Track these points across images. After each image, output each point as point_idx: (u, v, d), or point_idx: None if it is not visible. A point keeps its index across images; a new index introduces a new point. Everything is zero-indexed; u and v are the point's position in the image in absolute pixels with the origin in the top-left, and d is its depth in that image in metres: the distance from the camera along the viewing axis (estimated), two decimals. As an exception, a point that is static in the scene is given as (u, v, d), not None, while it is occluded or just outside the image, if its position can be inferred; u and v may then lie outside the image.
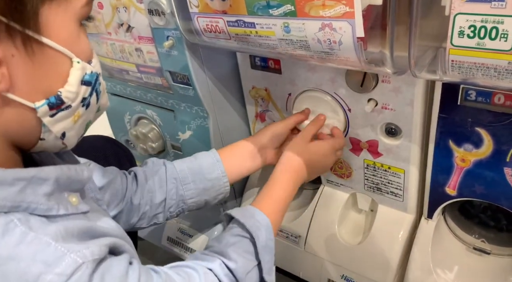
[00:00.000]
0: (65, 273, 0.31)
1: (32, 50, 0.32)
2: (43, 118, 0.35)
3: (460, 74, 0.45)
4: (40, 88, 0.34)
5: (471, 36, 0.40)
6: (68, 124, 0.38)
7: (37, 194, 0.35)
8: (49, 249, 0.32)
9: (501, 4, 0.37)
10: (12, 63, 0.32)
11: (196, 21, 0.60)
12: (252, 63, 0.77)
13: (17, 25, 0.31)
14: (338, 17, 0.46)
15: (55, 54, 0.34)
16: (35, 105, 0.34)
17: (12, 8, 0.30)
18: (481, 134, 0.58)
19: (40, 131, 0.36)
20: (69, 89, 0.36)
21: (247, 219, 0.55)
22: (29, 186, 0.34)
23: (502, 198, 0.62)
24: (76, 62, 0.36)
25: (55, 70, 0.35)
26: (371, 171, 0.76)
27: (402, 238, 0.76)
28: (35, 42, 0.33)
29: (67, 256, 0.32)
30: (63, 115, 0.37)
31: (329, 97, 0.71)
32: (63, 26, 0.34)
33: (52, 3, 0.33)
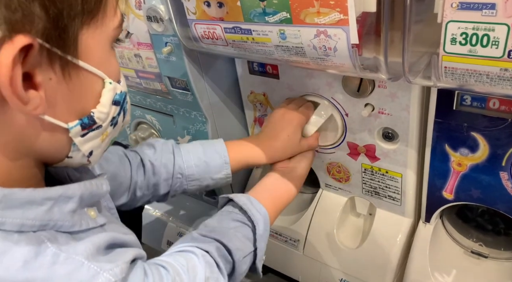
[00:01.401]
0: None
1: (69, 74, 0.33)
2: (75, 138, 0.36)
3: (454, 80, 0.45)
4: (74, 109, 0.35)
5: (463, 43, 0.41)
6: (96, 144, 0.38)
7: (63, 212, 0.35)
8: (82, 268, 0.33)
9: (492, 12, 0.38)
10: (49, 87, 0.32)
11: (193, 27, 0.61)
12: (250, 69, 0.78)
13: (58, 51, 0.31)
14: (332, 24, 0.47)
15: (90, 76, 0.35)
16: (68, 126, 0.35)
17: (56, 35, 0.31)
18: (476, 139, 0.59)
19: (69, 150, 0.37)
20: (101, 110, 0.37)
21: (249, 207, 0.58)
22: (56, 204, 0.35)
23: (498, 202, 0.63)
24: (108, 83, 0.37)
25: (89, 91, 0.36)
26: (369, 175, 0.76)
27: (400, 242, 0.76)
28: (72, 66, 0.33)
29: (100, 274, 0.33)
30: (93, 135, 0.37)
31: (326, 102, 0.71)
32: (98, 48, 0.35)
33: (89, 27, 0.33)
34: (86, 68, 0.34)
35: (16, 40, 0.28)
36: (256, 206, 0.59)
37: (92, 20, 0.33)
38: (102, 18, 0.34)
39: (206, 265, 0.49)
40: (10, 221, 0.32)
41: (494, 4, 0.37)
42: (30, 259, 0.31)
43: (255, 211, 0.58)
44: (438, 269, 0.72)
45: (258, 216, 0.58)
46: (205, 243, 0.52)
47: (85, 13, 0.32)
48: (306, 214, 0.86)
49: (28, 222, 0.33)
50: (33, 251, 0.32)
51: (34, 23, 0.29)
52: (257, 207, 0.59)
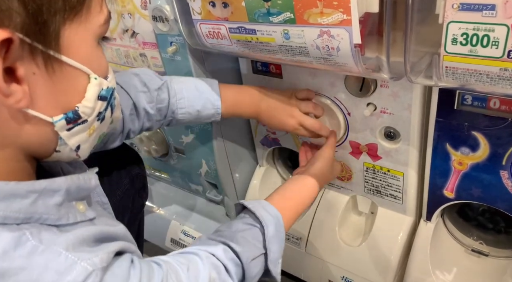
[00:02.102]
0: (76, 281, 0.32)
1: (52, 68, 0.33)
2: (60, 132, 0.36)
3: (454, 80, 0.46)
4: (59, 103, 0.35)
5: (464, 43, 0.42)
6: (83, 138, 0.39)
7: (48, 205, 0.36)
8: (60, 258, 0.33)
9: (492, 13, 0.38)
10: (32, 81, 0.33)
11: (198, 27, 0.62)
12: (253, 68, 0.78)
13: (39, 45, 0.32)
14: (336, 25, 0.48)
15: (74, 71, 0.35)
16: (53, 119, 0.35)
17: (36, 30, 0.31)
18: (477, 138, 0.59)
19: (56, 144, 0.37)
20: (86, 105, 0.37)
21: (258, 209, 0.57)
22: (40, 197, 0.35)
23: (498, 200, 0.63)
24: (93, 79, 0.37)
25: (73, 86, 0.36)
26: (370, 174, 0.77)
27: (402, 240, 0.77)
28: (55, 60, 0.34)
29: (77, 264, 0.33)
30: (79, 129, 0.38)
31: (329, 101, 0.72)
32: (82, 44, 0.35)
33: (72, 23, 0.34)
34: (70, 63, 0.35)
35: None
36: (267, 207, 0.58)
37: (75, 16, 0.34)
38: (86, 14, 0.35)
39: (212, 266, 0.48)
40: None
41: (494, 5, 0.38)
42: (9, 249, 0.32)
43: (264, 212, 0.57)
44: (439, 267, 0.73)
45: (267, 217, 0.56)
46: (211, 245, 0.51)
47: (67, 9, 0.33)
48: (308, 212, 0.87)
49: (12, 215, 0.33)
50: (13, 243, 0.32)
51: (12, 18, 0.29)
52: (268, 208, 0.58)
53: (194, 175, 0.95)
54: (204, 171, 0.92)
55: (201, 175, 0.93)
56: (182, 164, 0.96)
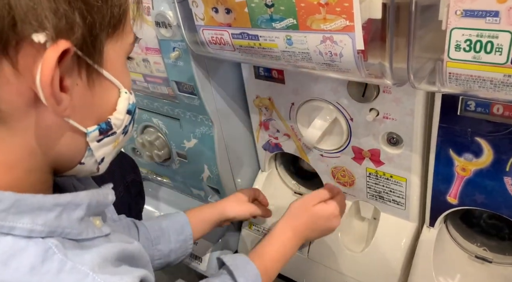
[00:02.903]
0: None
1: (92, 81, 0.35)
2: (91, 143, 0.37)
3: (458, 86, 0.46)
4: (93, 115, 0.37)
5: (467, 50, 0.42)
6: (108, 150, 0.40)
7: (71, 219, 0.36)
8: (87, 279, 0.33)
9: (495, 20, 0.38)
10: (74, 91, 0.34)
11: (201, 33, 0.62)
12: (256, 73, 0.79)
13: (87, 58, 0.33)
14: (339, 31, 0.48)
15: (109, 85, 0.37)
16: (87, 130, 0.36)
17: (88, 44, 0.32)
18: (480, 144, 0.59)
19: (83, 156, 0.38)
20: (117, 117, 0.38)
21: (236, 267, 0.59)
22: (65, 211, 0.35)
23: (502, 206, 0.63)
24: (124, 93, 0.39)
25: (108, 99, 0.38)
26: (373, 180, 0.77)
27: (405, 246, 0.77)
28: (96, 74, 0.35)
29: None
30: (107, 141, 0.39)
31: (332, 107, 0.72)
32: (117, 60, 0.37)
33: (112, 40, 0.35)
34: (107, 77, 0.36)
35: (60, 44, 0.30)
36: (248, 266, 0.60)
37: (114, 33, 0.35)
38: (122, 32, 0.36)
39: None
40: (20, 226, 0.32)
41: (497, 12, 0.38)
42: (37, 264, 0.32)
43: (241, 272, 0.59)
44: (442, 273, 0.73)
45: (244, 277, 0.58)
46: None
47: (111, 26, 0.34)
48: (310, 217, 0.87)
49: (38, 228, 0.33)
50: (41, 257, 0.32)
51: (74, 30, 0.31)
52: (249, 267, 0.60)
53: (196, 180, 0.95)
54: (206, 176, 0.92)
55: (203, 180, 0.93)
56: (184, 169, 0.96)
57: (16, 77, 0.30)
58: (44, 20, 0.29)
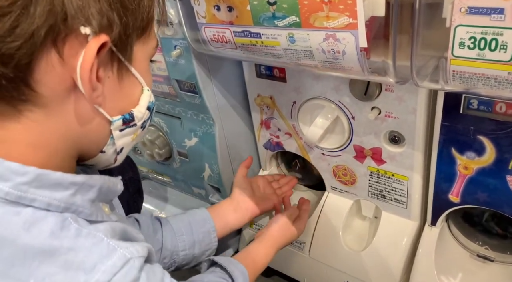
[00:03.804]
0: (116, 265, 0.36)
1: (121, 75, 0.39)
2: (114, 131, 0.41)
3: (461, 84, 0.46)
4: (119, 106, 0.41)
5: (472, 47, 0.41)
6: (127, 141, 0.44)
7: (84, 199, 0.39)
8: (102, 243, 0.37)
9: (500, 17, 0.38)
10: (106, 83, 0.38)
11: (203, 31, 0.61)
12: (257, 72, 0.78)
13: (119, 54, 0.38)
14: (341, 28, 0.48)
15: (135, 81, 0.41)
16: (113, 119, 0.40)
17: (122, 41, 0.37)
18: (483, 142, 0.59)
19: (105, 144, 0.42)
20: (140, 110, 0.43)
21: (228, 264, 0.63)
22: (79, 191, 0.38)
23: (504, 205, 0.63)
24: (146, 90, 0.43)
25: (133, 93, 0.42)
26: (375, 178, 0.77)
27: (406, 245, 0.76)
28: (126, 69, 0.39)
29: (117, 250, 0.36)
30: (127, 132, 0.43)
31: (333, 105, 0.72)
32: (142, 60, 0.41)
33: (139, 41, 0.40)
34: (134, 74, 0.40)
35: (101, 37, 0.34)
36: (236, 264, 0.64)
37: (142, 36, 0.40)
38: (148, 36, 0.41)
39: None
40: (40, 199, 0.35)
41: (502, 9, 0.38)
42: (56, 230, 0.35)
43: (234, 267, 0.62)
44: (444, 272, 0.73)
45: (237, 272, 0.62)
46: None
47: (140, 28, 0.39)
48: (312, 216, 0.87)
49: (55, 203, 0.36)
50: (59, 225, 0.35)
51: (113, 28, 0.35)
52: (237, 265, 0.64)
53: (197, 179, 0.95)
54: (207, 175, 0.92)
55: (204, 178, 0.93)
56: (185, 168, 0.95)
57: (61, 65, 0.34)
58: (90, 16, 0.33)
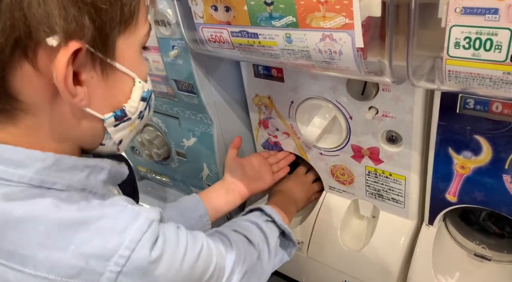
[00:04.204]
0: (143, 227, 0.39)
1: (106, 74, 0.39)
2: (108, 128, 0.42)
3: (457, 84, 0.46)
4: (109, 103, 0.41)
5: (467, 47, 0.42)
6: (125, 133, 0.45)
7: (97, 180, 0.42)
8: (127, 209, 0.40)
9: (495, 17, 0.38)
10: (90, 84, 0.38)
11: (201, 31, 0.62)
12: (255, 72, 0.79)
13: (100, 54, 0.37)
14: (338, 29, 0.48)
15: (123, 76, 0.41)
16: (104, 117, 0.41)
17: (99, 42, 0.36)
18: (480, 142, 0.59)
19: (102, 138, 0.43)
20: (132, 105, 0.42)
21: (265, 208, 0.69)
22: (92, 173, 0.42)
23: (501, 204, 0.63)
24: (138, 82, 0.42)
25: (122, 89, 0.42)
26: (372, 178, 0.77)
27: (404, 244, 0.77)
28: (110, 67, 0.39)
29: (141, 214, 0.40)
30: (123, 126, 0.43)
31: (331, 105, 0.72)
32: (130, 52, 0.41)
33: (124, 35, 0.39)
34: (121, 69, 0.40)
35: (70, 46, 0.33)
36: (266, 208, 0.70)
37: (126, 29, 0.39)
38: (134, 26, 0.40)
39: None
40: (61, 182, 0.39)
41: (497, 9, 0.38)
42: (82, 205, 0.38)
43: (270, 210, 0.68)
44: (441, 271, 0.73)
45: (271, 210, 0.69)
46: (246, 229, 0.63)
47: (122, 23, 0.38)
48: (310, 216, 0.87)
49: (74, 184, 0.39)
50: (84, 200, 0.39)
51: (84, 32, 0.34)
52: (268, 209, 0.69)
53: (196, 179, 0.95)
54: (205, 175, 0.92)
55: (202, 178, 0.93)
56: (184, 167, 0.96)
57: (36, 75, 0.34)
58: (55, 26, 0.32)
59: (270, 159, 0.87)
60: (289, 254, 0.68)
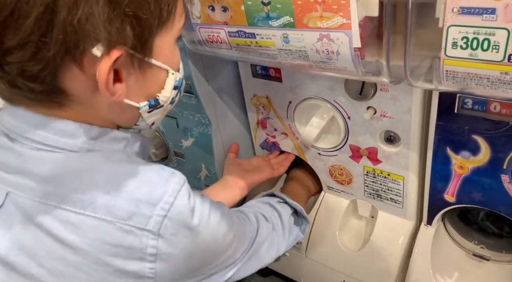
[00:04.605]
0: (180, 181, 0.44)
1: (144, 70, 0.43)
2: (143, 114, 0.46)
3: (455, 84, 0.46)
4: (145, 93, 0.45)
5: (464, 47, 0.41)
6: (158, 117, 0.49)
7: (132, 150, 0.48)
8: (163, 169, 0.45)
9: (492, 17, 0.38)
10: (129, 78, 0.42)
11: (198, 31, 0.61)
12: (253, 72, 0.78)
13: (139, 55, 0.41)
14: (335, 28, 0.48)
15: (159, 70, 0.45)
16: (140, 105, 0.45)
17: (139, 45, 0.40)
18: (478, 142, 0.59)
19: (137, 120, 0.48)
20: (165, 95, 0.46)
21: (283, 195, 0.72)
22: (128, 144, 0.47)
23: (499, 204, 0.63)
24: (171, 74, 0.46)
25: (157, 81, 0.45)
26: (371, 178, 0.77)
27: (402, 244, 0.77)
28: (148, 64, 0.42)
29: (176, 172, 0.45)
30: (156, 112, 0.48)
31: (329, 105, 0.72)
32: (166, 46, 0.44)
33: (161, 34, 0.42)
34: (157, 64, 0.43)
35: (112, 54, 0.37)
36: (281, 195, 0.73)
37: (163, 28, 0.42)
38: (171, 25, 0.43)
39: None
40: (105, 150, 0.45)
41: (494, 9, 0.38)
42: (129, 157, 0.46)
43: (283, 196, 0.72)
44: (440, 271, 0.73)
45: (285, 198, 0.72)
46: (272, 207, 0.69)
47: (159, 25, 0.41)
48: (308, 216, 0.87)
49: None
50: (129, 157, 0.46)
51: (125, 40, 0.38)
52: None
53: (194, 179, 0.95)
54: (203, 175, 0.92)
55: (200, 179, 0.93)
56: (182, 168, 0.95)
57: (83, 74, 0.38)
58: (100, 38, 0.36)
59: (270, 157, 0.89)
60: (303, 231, 0.72)
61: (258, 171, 0.83)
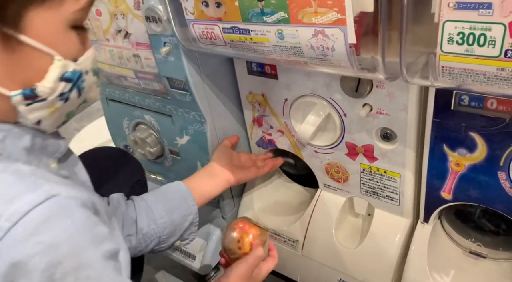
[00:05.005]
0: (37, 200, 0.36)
1: (11, 47, 0.36)
2: (18, 106, 0.39)
3: (451, 80, 0.45)
4: (17, 79, 0.38)
5: (460, 42, 0.41)
6: (43, 114, 0.41)
7: (17, 146, 0.40)
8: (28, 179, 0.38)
9: (488, 12, 0.38)
10: None
11: (192, 28, 0.61)
12: (248, 69, 0.78)
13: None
14: (330, 24, 0.47)
15: (35, 52, 0.38)
16: (10, 93, 0.38)
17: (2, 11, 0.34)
18: (474, 139, 0.59)
19: (16, 116, 0.41)
20: (45, 85, 0.39)
21: None
22: (8, 137, 0.40)
23: (496, 201, 0.63)
24: (57, 60, 0.39)
25: (33, 66, 0.39)
26: (367, 175, 0.76)
27: (399, 242, 0.76)
28: (15, 40, 0.36)
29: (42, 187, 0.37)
30: (38, 106, 0.40)
31: (325, 102, 0.71)
32: (49, 27, 0.38)
33: (40, 8, 0.36)
34: (31, 44, 0.37)
35: None
36: None
37: (44, 3, 0.37)
38: (58, 2, 0.37)
39: None
40: None
41: (490, 4, 0.37)
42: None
43: None
44: (437, 269, 0.73)
45: None
46: None
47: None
48: (304, 214, 0.86)
49: None
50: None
51: None
52: None
53: (190, 177, 0.94)
54: (199, 173, 0.91)
55: (196, 177, 0.92)
56: (177, 166, 0.95)
57: None
58: None
59: (258, 158, 0.88)
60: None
61: (245, 170, 0.82)
